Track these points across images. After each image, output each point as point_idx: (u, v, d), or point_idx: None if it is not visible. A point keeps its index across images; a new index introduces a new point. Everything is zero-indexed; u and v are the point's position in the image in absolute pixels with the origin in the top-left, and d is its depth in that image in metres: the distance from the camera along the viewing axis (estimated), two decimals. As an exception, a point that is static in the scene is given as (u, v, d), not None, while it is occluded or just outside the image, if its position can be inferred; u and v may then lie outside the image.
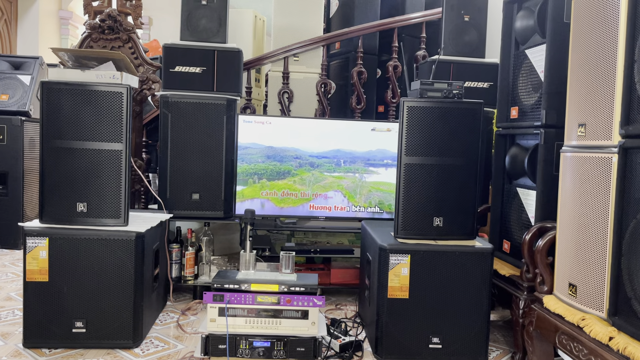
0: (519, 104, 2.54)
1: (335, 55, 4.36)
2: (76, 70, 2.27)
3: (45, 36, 7.39)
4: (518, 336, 2.25)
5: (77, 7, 7.95)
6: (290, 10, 3.88)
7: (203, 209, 3.00)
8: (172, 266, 2.96)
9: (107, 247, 2.24)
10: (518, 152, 2.55)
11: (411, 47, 4.03)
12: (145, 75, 3.55)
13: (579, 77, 1.90)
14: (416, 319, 2.23)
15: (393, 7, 4.36)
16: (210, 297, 2.08)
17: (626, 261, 1.65)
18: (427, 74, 3.23)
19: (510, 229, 2.62)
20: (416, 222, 2.28)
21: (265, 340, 2.08)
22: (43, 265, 2.21)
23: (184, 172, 2.97)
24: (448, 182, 2.27)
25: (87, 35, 3.50)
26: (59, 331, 2.23)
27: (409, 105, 2.25)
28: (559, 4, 2.24)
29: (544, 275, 2.11)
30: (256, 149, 3.04)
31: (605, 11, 1.75)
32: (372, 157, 3.10)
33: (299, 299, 2.09)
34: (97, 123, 2.25)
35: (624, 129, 1.66)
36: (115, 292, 2.25)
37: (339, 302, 3.06)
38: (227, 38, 3.05)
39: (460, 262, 2.23)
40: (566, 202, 1.95)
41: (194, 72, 2.99)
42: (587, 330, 1.73)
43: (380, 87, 4.16)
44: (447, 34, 3.25)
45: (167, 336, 2.46)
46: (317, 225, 3.19)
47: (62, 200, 2.25)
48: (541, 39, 2.37)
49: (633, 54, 1.64)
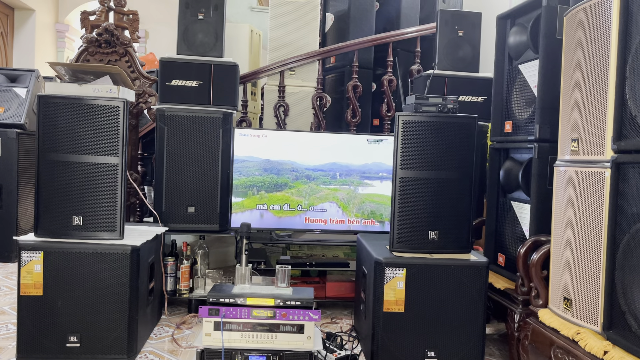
0: (513, 118, 2.57)
1: (331, 69, 4.39)
2: (73, 84, 2.28)
3: (42, 49, 7.41)
4: (513, 350, 2.25)
5: (73, 21, 7.99)
6: (286, 24, 3.92)
7: (198, 222, 3.00)
8: (167, 280, 2.95)
9: (103, 261, 2.23)
10: (512, 166, 2.57)
11: (406, 61, 4.06)
12: (142, 88, 3.56)
13: (571, 92, 1.93)
14: (412, 332, 2.23)
15: (388, 21, 4.41)
16: (205, 311, 2.07)
17: (620, 275, 1.66)
18: (421, 88, 3.26)
19: (505, 243, 2.63)
20: (411, 235, 2.29)
21: (261, 355, 2.07)
22: (37, 279, 2.20)
23: (179, 185, 2.97)
24: (443, 195, 2.29)
25: (84, 48, 3.51)
26: (52, 345, 2.22)
27: (404, 120, 2.27)
28: (551, 20, 2.28)
29: (539, 289, 2.12)
30: (253, 162, 3.05)
31: (597, 28, 1.78)
32: (367, 170, 3.11)
33: (294, 313, 2.08)
34: (94, 137, 2.25)
35: (617, 144, 1.68)
36: (109, 306, 2.24)
37: (334, 315, 3.05)
38: (223, 52, 3.07)
39: (455, 276, 2.24)
40: (560, 216, 1.97)
41: (191, 85, 3.01)
42: (582, 344, 1.73)
43: (375, 100, 4.19)
44: (442, 48, 3.28)
45: (162, 350, 2.44)
46: (312, 238, 3.19)
47: (57, 214, 2.25)
48: (534, 54, 2.40)
49: (624, 70, 1.67)
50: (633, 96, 1.63)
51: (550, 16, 2.28)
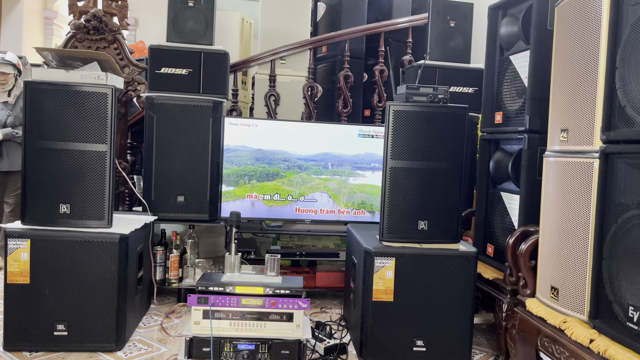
0: (504, 109, 2.57)
1: (322, 59, 4.37)
2: (60, 71, 2.25)
3: (30, 36, 7.30)
4: (501, 339, 2.27)
5: (61, 7, 7.87)
6: (277, 13, 3.89)
7: (188, 212, 2.98)
8: (157, 269, 2.94)
9: (90, 249, 2.22)
10: (502, 156, 2.58)
11: (397, 51, 4.05)
12: (131, 76, 3.53)
13: (561, 83, 1.93)
14: (400, 321, 2.24)
15: (380, 12, 4.39)
16: (194, 300, 2.07)
17: (607, 265, 1.67)
18: (413, 79, 3.25)
19: (494, 233, 2.64)
20: (401, 225, 2.29)
21: (250, 343, 2.07)
22: (24, 267, 2.18)
23: (169, 174, 2.95)
24: (433, 186, 2.29)
25: (71, 35, 3.46)
26: (40, 334, 2.20)
27: (395, 109, 2.26)
28: (542, 11, 2.28)
29: (527, 279, 2.13)
30: (245, 151, 3.04)
31: (588, 19, 1.78)
32: (359, 161, 3.11)
33: (283, 301, 2.08)
34: (81, 124, 2.23)
35: (605, 134, 1.69)
36: (98, 294, 2.23)
37: (324, 305, 3.06)
38: (213, 40, 3.04)
39: (444, 266, 2.25)
40: (548, 206, 1.98)
41: (180, 73, 2.98)
42: (569, 332, 1.75)
43: (366, 91, 4.18)
44: (433, 39, 3.27)
45: (151, 339, 2.44)
46: (303, 228, 3.19)
47: (44, 202, 2.23)
48: (525, 45, 2.40)
49: (614, 61, 1.67)
50: (622, 87, 1.63)
51: (542, 7, 2.27)
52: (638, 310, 1.54)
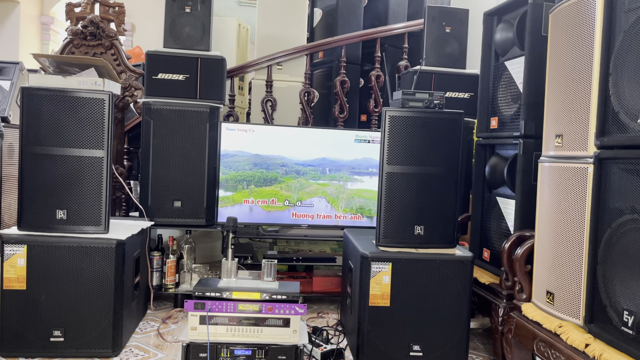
0: (499, 114, 2.58)
1: (319, 65, 4.38)
2: (57, 76, 2.25)
3: (26, 41, 7.30)
4: (497, 344, 2.27)
5: (58, 13, 7.88)
6: (274, 19, 3.91)
7: (185, 217, 2.98)
8: (153, 274, 2.94)
9: (87, 255, 2.21)
10: (498, 161, 2.59)
11: (393, 57, 4.07)
12: (128, 82, 3.53)
13: (556, 88, 1.95)
14: (397, 326, 2.25)
15: (376, 17, 4.41)
16: (191, 305, 2.06)
17: (602, 269, 1.68)
18: (409, 84, 3.27)
19: (490, 238, 2.65)
20: (398, 230, 2.30)
21: (247, 349, 2.07)
22: (21, 273, 2.18)
23: (165, 179, 2.96)
24: (429, 191, 2.30)
25: (69, 41, 3.47)
26: (36, 340, 2.20)
27: (391, 115, 2.27)
28: (537, 17, 2.29)
29: (523, 283, 2.14)
30: (243, 156, 3.04)
31: (582, 25, 1.80)
32: (357, 166, 3.12)
33: (280, 307, 2.08)
34: (78, 129, 2.23)
35: (599, 140, 1.70)
36: (94, 300, 2.23)
37: (320, 310, 3.06)
38: (210, 46, 3.05)
39: (441, 270, 2.25)
40: (544, 211, 1.99)
41: (177, 79, 2.99)
42: (564, 337, 1.76)
43: (363, 96, 4.19)
44: (429, 45, 3.29)
45: (147, 345, 2.43)
46: (299, 233, 3.19)
47: (41, 207, 2.23)
48: (520, 51, 2.42)
49: (608, 67, 1.68)
50: (616, 92, 1.65)
51: (536, 13, 2.29)
52: (633, 314, 1.55)
